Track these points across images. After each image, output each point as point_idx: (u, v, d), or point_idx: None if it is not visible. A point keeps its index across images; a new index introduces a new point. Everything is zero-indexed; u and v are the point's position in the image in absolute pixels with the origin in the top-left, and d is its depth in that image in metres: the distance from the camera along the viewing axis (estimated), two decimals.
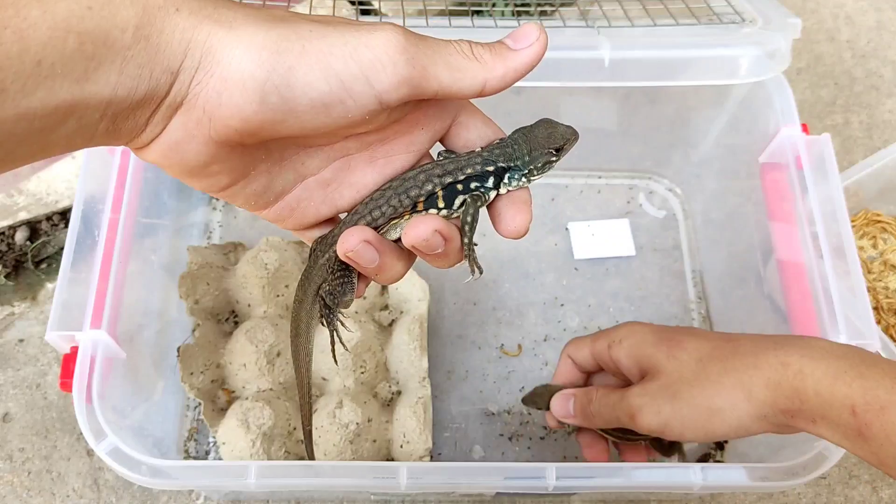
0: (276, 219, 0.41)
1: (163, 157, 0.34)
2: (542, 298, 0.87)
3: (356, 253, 0.39)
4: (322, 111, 0.34)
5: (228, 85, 0.32)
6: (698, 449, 0.79)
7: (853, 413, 0.46)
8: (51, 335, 0.59)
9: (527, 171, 0.41)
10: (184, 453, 0.76)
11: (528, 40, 0.36)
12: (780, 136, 0.71)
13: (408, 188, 0.39)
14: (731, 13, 0.72)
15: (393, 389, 0.79)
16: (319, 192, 0.40)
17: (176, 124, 0.33)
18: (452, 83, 0.35)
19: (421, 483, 0.58)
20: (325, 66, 0.33)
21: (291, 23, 0.33)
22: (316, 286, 0.44)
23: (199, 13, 0.31)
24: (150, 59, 0.31)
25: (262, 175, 0.38)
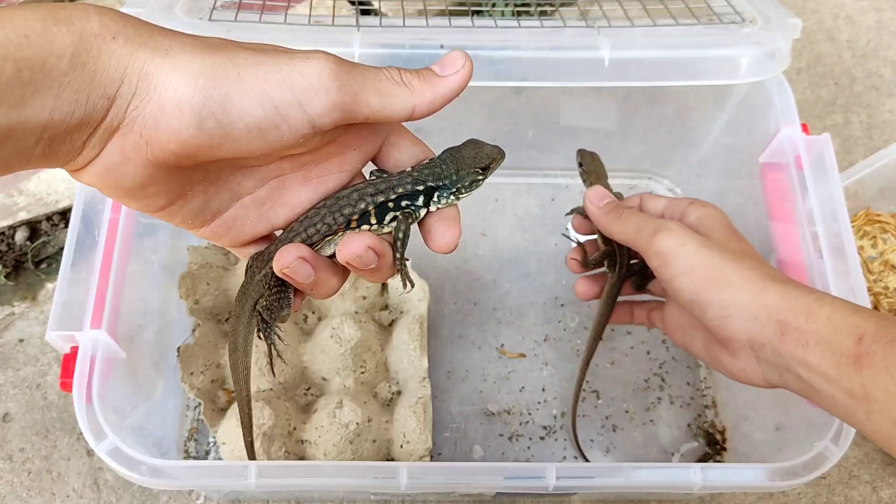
0: (212, 236, 0.42)
1: (99, 179, 0.35)
2: (542, 298, 0.87)
3: (292, 269, 0.40)
4: (258, 135, 0.35)
5: (165, 110, 0.33)
6: (698, 449, 0.79)
7: (859, 340, 0.46)
8: (51, 335, 0.59)
9: (455, 190, 0.43)
10: (184, 453, 0.76)
11: (454, 67, 0.39)
12: (780, 136, 0.71)
13: (342, 206, 0.41)
14: (731, 13, 0.72)
15: (393, 389, 0.79)
16: (255, 210, 0.41)
17: (112, 147, 0.34)
18: (382, 108, 0.37)
19: (421, 483, 0.58)
20: (260, 93, 0.34)
21: (227, 51, 0.34)
22: (253, 301, 0.45)
23: (135, 41, 0.33)
24: (87, 84, 0.31)
25: (199, 195, 0.39)
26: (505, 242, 0.91)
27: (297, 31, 0.66)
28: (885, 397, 0.44)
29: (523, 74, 0.68)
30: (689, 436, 0.80)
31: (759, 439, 0.74)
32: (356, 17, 0.69)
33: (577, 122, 0.90)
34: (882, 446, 0.46)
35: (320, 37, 0.66)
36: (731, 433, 0.79)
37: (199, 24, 0.65)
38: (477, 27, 0.70)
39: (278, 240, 0.43)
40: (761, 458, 0.72)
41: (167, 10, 0.66)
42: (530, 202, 0.94)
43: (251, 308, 0.45)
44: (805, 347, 0.49)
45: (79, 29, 0.31)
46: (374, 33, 0.66)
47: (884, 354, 0.45)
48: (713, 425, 0.80)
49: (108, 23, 0.32)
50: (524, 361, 0.83)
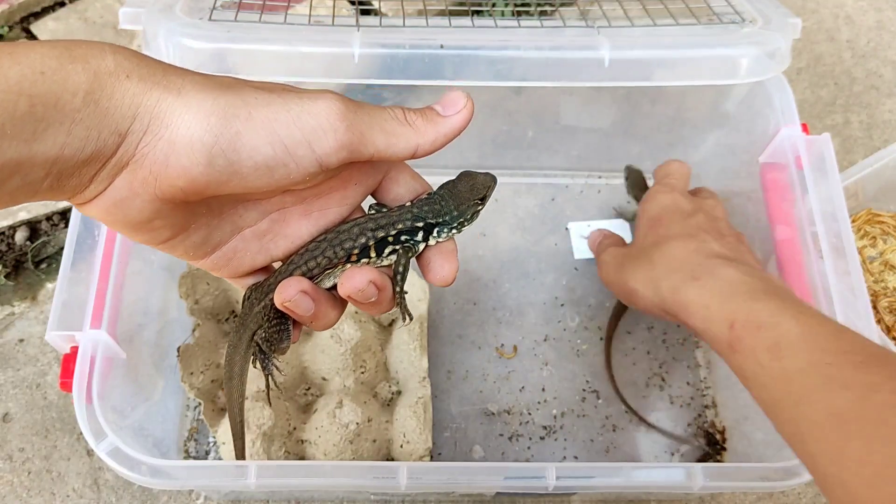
0: (212, 268, 0.42)
1: (106, 213, 0.35)
2: (542, 298, 0.87)
3: (294, 303, 0.41)
4: (266, 173, 0.35)
5: (176, 148, 0.33)
6: (698, 449, 0.79)
7: (731, 327, 0.52)
8: (51, 335, 0.59)
9: (456, 225, 0.44)
10: (184, 453, 0.76)
11: (456, 107, 0.40)
12: (780, 136, 0.71)
13: (342, 241, 0.42)
14: (731, 13, 0.72)
15: (393, 389, 0.79)
16: (255, 242, 0.42)
17: (121, 183, 0.34)
18: (387, 148, 0.38)
19: (421, 483, 0.58)
20: (270, 132, 0.35)
21: (238, 90, 0.35)
22: (251, 332, 0.45)
23: (148, 79, 0.33)
24: (99, 121, 0.32)
25: (202, 228, 0.40)
26: (505, 242, 0.91)
27: (298, 31, 0.66)
28: (753, 379, 0.50)
29: (523, 74, 0.67)
30: (689, 436, 0.80)
31: (759, 439, 0.74)
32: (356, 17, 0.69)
33: (577, 122, 0.90)
34: None
35: (320, 37, 0.66)
36: (731, 433, 0.79)
37: (199, 24, 0.65)
38: (477, 27, 0.70)
39: (277, 272, 0.43)
40: (761, 458, 0.72)
41: (167, 10, 0.66)
42: (530, 202, 0.94)
43: (249, 338, 0.45)
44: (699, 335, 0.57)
45: (94, 67, 0.32)
46: (374, 33, 0.66)
47: (751, 339, 0.50)
48: (713, 425, 0.80)
49: (122, 61, 0.33)
50: (524, 361, 0.83)
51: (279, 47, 0.64)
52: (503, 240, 0.91)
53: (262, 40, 0.64)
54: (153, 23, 0.64)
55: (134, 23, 0.67)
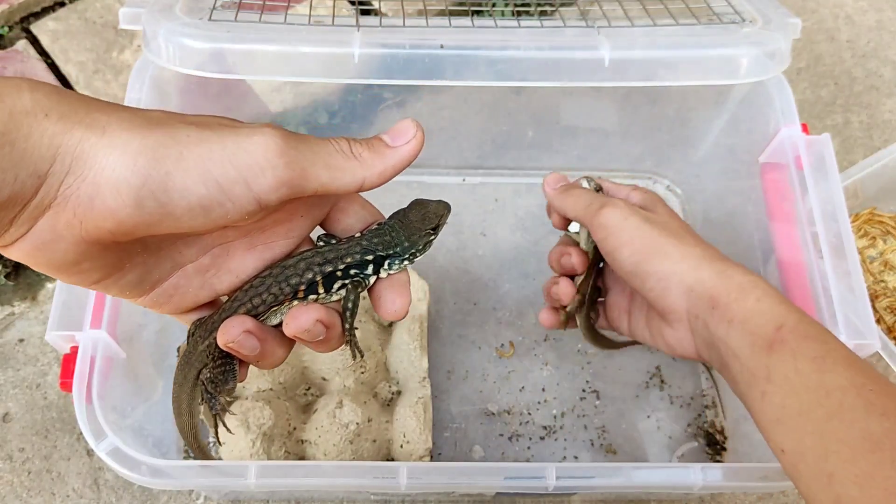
0: (152, 305, 0.40)
1: (29, 256, 0.34)
2: (542, 298, 0.87)
3: (238, 343, 0.39)
4: (200, 213, 0.34)
5: (101, 190, 0.31)
6: (698, 449, 0.79)
7: (778, 329, 0.48)
8: (51, 335, 0.59)
9: (408, 256, 0.42)
10: (184, 453, 0.76)
11: (405, 137, 0.38)
12: (780, 136, 0.71)
13: (288, 276, 0.40)
14: (731, 13, 0.72)
15: (393, 389, 0.79)
16: (198, 278, 0.40)
17: (43, 225, 0.32)
18: (331, 182, 0.36)
19: (421, 483, 0.58)
20: (203, 171, 0.33)
21: (169, 127, 0.33)
22: (196, 371, 0.43)
23: (69, 118, 0.31)
24: (15, 163, 0.30)
25: (138, 267, 0.38)
26: (505, 242, 0.91)
27: (297, 31, 0.66)
28: (783, 383, 0.47)
29: (523, 74, 0.67)
30: (689, 436, 0.80)
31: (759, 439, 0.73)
32: (356, 17, 0.69)
33: (577, 122, 0.90)
34: (761, 428, 0.49)
35: (320, 37, 0.66)
36: (731, 433, 0.79)
37: (199, 24, 0.65)
38: (477, 27, 0.70)
39: (221, 309, 0.41)
40: (761, 458, 0.72)
41: (167, 10, 0.66)
42: (530, 202, 0.94)
43: (194, 377, 0.44)
44: (729, 325, 0.51)
45: (9, 106, 0.30)
46: (374, 33, 0.66)
47: (796, 345, 0.47)
48: (713, 425, 0.80)
49: (41, 99, 0.31)
50: (524, 361, 0.83)
51: (279, 47, 0.64)
52: (503, 240, 0.91)
53: (262, 40, 0.64)
54: (153, 23, 0.64)
55: (134, 23, 0.67)
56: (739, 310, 0.51)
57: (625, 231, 0.56)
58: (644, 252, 0.55)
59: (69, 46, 1.04)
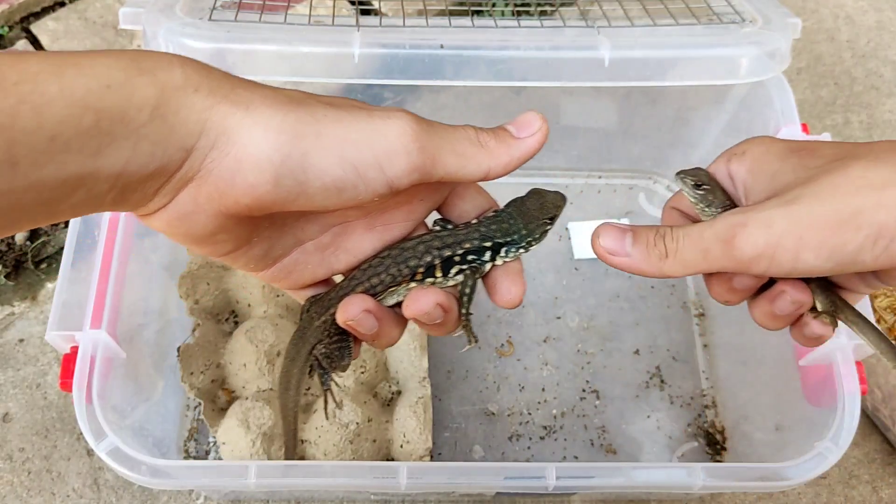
0: (272, 279, 0.41)
1: (168, 226, 0.35)
2: (542, 298, 0.87)
3: (357, 321, 0.39)
4: (334, 193, 0.34)
5: (243, 165, 0.32)
6: (698, 449, 0.79)
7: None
8: (51, 335, 0.59)
9: (525, 244, 0.42)
10: (184, 453, 0.76)
11: (530, 129, 0.38)
12: (780, 136, 0.71)
13: (407, 258, 0.40)
14: (731, 13, 0.72)
15: (393, 389, 0.79)
16: (317, 255, 0.41)
17: (185, 197, 0.33)
18: (459, 170, 0.36)
19: (421, 483, 0.58)
20: (340, 153, 0.33)
21: (307, 106, 0.34)
22: (310, 346, 0.44)
23: (216, 93, 0.32)
24: (165, 137, 0.31)
25: (264, 241, 0.39)
26: None
27: (298, 31, 0.66)
28: None
29: (523, 74, 0.68)
30: (689, 436, 0.80)
31: (759, 439, 0.74)
32: (356, 17, 0.69)
33: (577, 122, 0.90)
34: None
35: (320, 37, 0.66)
36: (731, 433, 0.79)
37: (199, 24, 0.65)
38: (477, 27, 0.70)
39: (339, 286, 0.42)
40: (761, 458, 0.72)
41: (167, 10, 0.66)
42: None
43: (308, 352, 0.44)
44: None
45: (161, 81, 0.31)
46: (374, 33, 0.66)
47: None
48: (713, 425, 0.80)
49: (191, 74, 0.32)
50: (524, 361, 0.83)
51: (279, 47, 0.64)
52: None
53: (262, 40, 0.64)
54: (153, 23, 0.64)
55: (134, 23, 0.67)
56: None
57: (786, 239, 0.38)
58: (830, 237, 0.38)
59: (69, 46, 1.04)
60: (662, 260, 0.42)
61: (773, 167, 0.42)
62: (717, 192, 0.45)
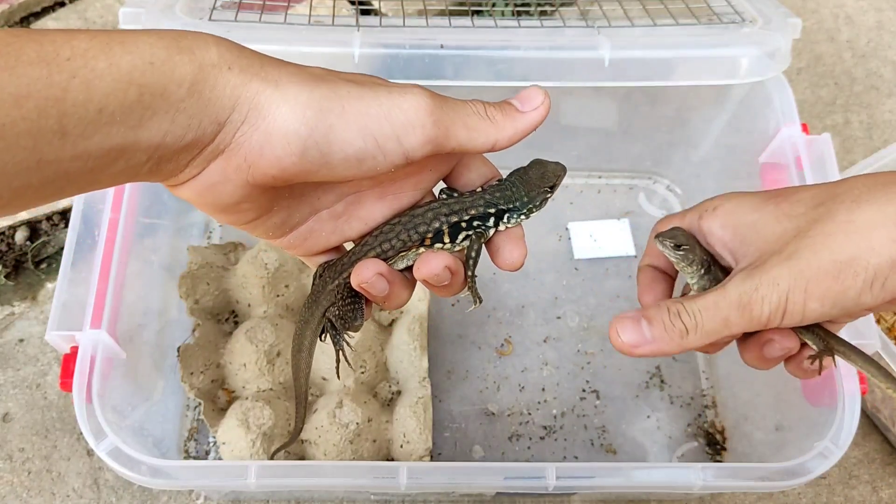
0: (288, 246, 0.44)
1: (197, 195, 0.37)
2: (542, 298, 0.87)
3: (370, 284, 0.42)
4: (354, 164, 0.37)
5: (272, 138, 0.34)
6: (698, 449, 0.79)
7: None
8: (51, 335, 0.59)
9: (526, 210, 0.45)
10: (184, 453, 0.76)
11: (533, 103, 0.40)
12: (780, 135, 0.71)
13: (416, 224, 0.43)
14: (731, 13, 0.72)
15: (393, 389, 0.79)
16: (331, 223, 0.43)
17: (215, 168, 0.36)
18: (468, 141, 0.39)
19: (421, 483, 0.58)
20: (362, 126, 0.36)
21: (330, 82, 0.36)
22: (323, 309, 0.46)
23: (248, 71, 0.34)
24: (201, 111, 0.33)
25: (283, 210, 0.41)
26: None
27: (298, 31, 0.66)
28: None
29: (523, 74, 0.68)
30: (689, 436, 0.80)
31: (759, 439, 0.74)
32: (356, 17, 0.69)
33: (577, 122, 0.90)
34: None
35: (320, 37, 0.66)
36: (731, 433, 0.79)
37: (198, 24, 0.65)
38: (477, 27, 0.70)
39: (351, 252, 0.44)
40: (761, 458, 0.72)
41: (167, 10, 0.66)
42: None
43: (321, 315, 0.46)
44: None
45: (199, 58, 0.33)
46: (374, 33, 0.66)
47: None
48: (713, 425, 0.80)
49: (224, 53, 0.34)
50: (524, 362, 0.83)
51: (279, 47, 0.64)
52: None
53: (262, 40, 0.64)
54: (153, 23, 0.64)
55: (134, 23, 0.67)
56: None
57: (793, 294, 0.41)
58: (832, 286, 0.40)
59: None
60: (684, 337, 0.43)
61: (751, 218, 0.45)
62: (696, 249, 0.48)
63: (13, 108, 0.29)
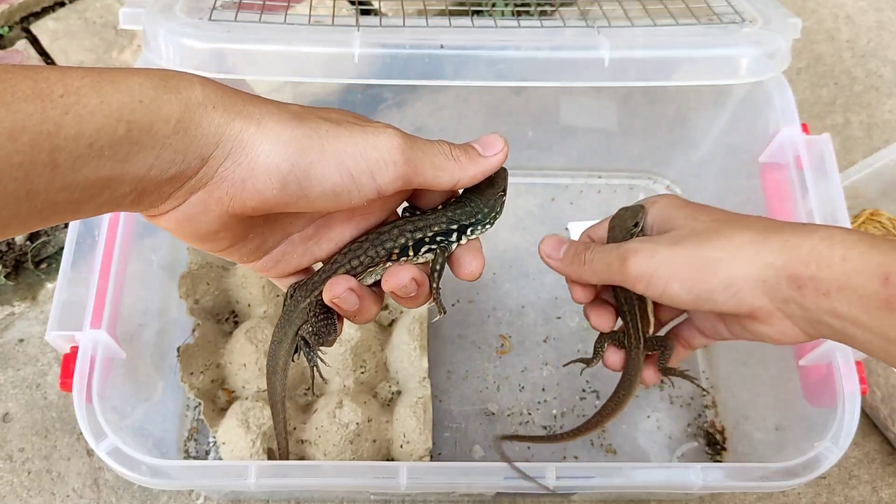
0: (262, 269, 0.46)
1: (177, 225, 0.39)
2: (542, 298, 0.87)
3: (342, 299, 0.44)
4: (331, 198, 0.39)
5: (254, 173, 0.37)
6: (698, 449, 0.79)
7: (885, 281, 0.42)
8: (51, 335, 0.59)
9: (489, 221, 0.48)
10: (184, 453, 0.76)
11: (494, 149, 0.44)
12: (780, 136, 0.71)
13: (384, 241, 0.45)
14: (731, 13, 0.72)
15: (393, 389, 0.79)
16: (301, 245, 0.46)
17: (195, 200, 0.37)
18: (434, 179, 0.42)
19: (421, 483, 0.58)
20: (339, 163, 0.38)
21: (310, 122, 0.38)
22: (296, 327, 0.48)
23: (231, 110, 0.36)
24: (186, 146, 0.35)
25: (258, 237, 0.43)
26: (505, 242, 0.91)
27: (298, 31, 0.66)
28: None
29: (523, 74, 0.68)
30: (689, 436, 0.80)
31: (759, 439, 0.74)
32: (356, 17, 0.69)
33: (577, 122, 0.90)
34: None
35: (320, 37, 0.66)
36: (731, 433, 0.79)
37: (199, 24, 0.65)
38: (477, 27, 0.70)
39: (321, 270, 0.46)
40: (761, 458, 0.72)
41: (167, 10, 0.66)
42: (530, 202, 0.94)
43: (294, 333, 0.48)
44: (828, 296, 0.44)
45: (185, 98, 0.35)
46: (374, 33, 0.66)
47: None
48: (713, 425, 0.80)
49: (209, 93, 0.36)
50: (524, 362, 0.83)
51: (279, 47, 0.64)
52: (503, 240, 0.91)
53: (262, 40, 0.64)
54: (153, 23, 0.64)
55: (134, 23, 0.67)
56: (830, 278, 0.44)
57: (661, 268, 0.48)
58: (694, 275, 0.48)
59: (69, 46, 1.04)
60: (581, 267, 0.54)
61: (670, 213, 0.53)
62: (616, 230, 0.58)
63: (8, 142, 0.30)
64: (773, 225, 0.48)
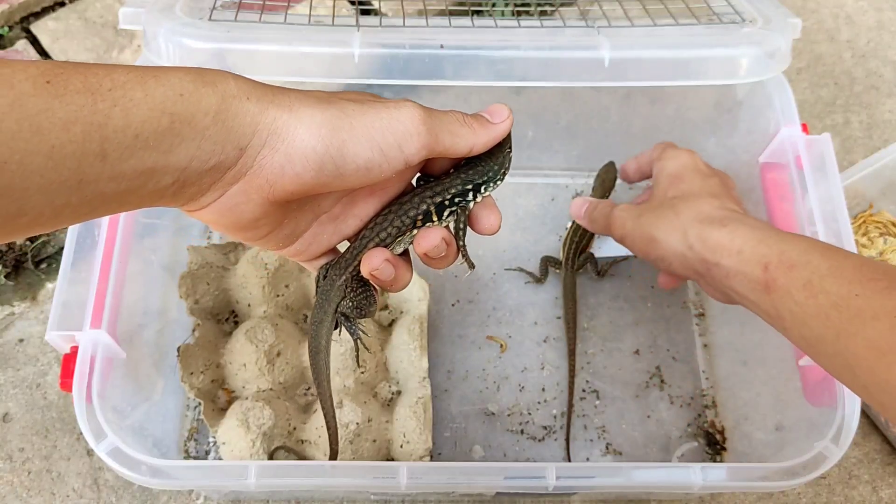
0: (294, 254, 0.48)
1: (219, 216, 0.40)
2: (542, 298, 0.87)
3: (380, 270, 0.46)
4: (364, 173, 0.41)
5: (292, 158, 0.38)
6: (698, 449, 0.79)
7: (765, 269, 0.54)
8: (51, 335, 0.59)
9: (500, 177, 0.50)
10: (184, 453, 0.76)
11: (501, 116, 0.47)
12: (780, 135, 0.71)
13: (407, 210, 0.47)
14: (731, 13, 0.72)
15: (393, 389, 0.79)
16: (330, 225, 0.47)
17: (236, 190, 0.39)
18: (452, 146, 0.44)
19: (421, 483, 0.58)
20: (369, 138, 0.40)
21: (335, 103, 0.40)
22: (335, 304, 0.49)
23: (264, 100, 0.38)
24: (224, 138, 0.37)
25: (292, 221, 0.45)
26: (505, 242, 0.91)
27: (298, 31, 0.66)
28: (792, 318, 0.51)
29: (523, 74, 0.68)
30: (689, 436, 0.80)
31: (759, 439, 0.74)
32: (356, 17, 0.69)
33: (577, 122, 0.90)
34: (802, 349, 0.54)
35: (320, 37, 0.66)
36: (731, 433, 0.79)
37: (199, 24, 0.65)
38: (477, 27, 0.70)
39: (352, 246, 0.48)
40: (761, 458, 0.72)
41: (167, 10, 0.66)
42: (530, 202, 0.94)
43: (333, 311, 0.50)
44: (728, 278, 0.57)
45: (221, 90, 0.36)
46: (374, 33, 0.66)
47: (785, 280, 0.52)
48: (713, 425, 0.80)
49: (242, 85, 0.38)
50: (525, 362, 0.83)
51: (279, 47, 0.64)
52: (503, 240, 0.91)
53: (262, 40, 0.64)
54: (153, 23, 0.64)
55: (134, 23, 0.67)
56: (729, 265, 0.56)
57: (629, 236, 0.67)
58: (644, 247, 0.65)
59: (69, 46, 1.04)
60: (591, 224, 0.74)
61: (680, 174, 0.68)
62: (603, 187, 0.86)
63: (62, 132, 0.32)
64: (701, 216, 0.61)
